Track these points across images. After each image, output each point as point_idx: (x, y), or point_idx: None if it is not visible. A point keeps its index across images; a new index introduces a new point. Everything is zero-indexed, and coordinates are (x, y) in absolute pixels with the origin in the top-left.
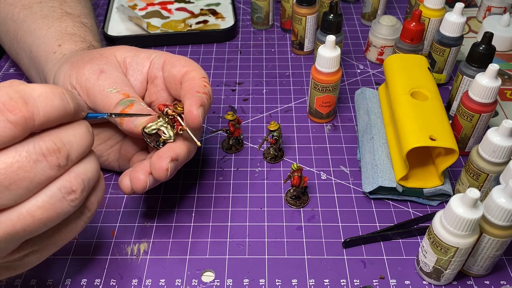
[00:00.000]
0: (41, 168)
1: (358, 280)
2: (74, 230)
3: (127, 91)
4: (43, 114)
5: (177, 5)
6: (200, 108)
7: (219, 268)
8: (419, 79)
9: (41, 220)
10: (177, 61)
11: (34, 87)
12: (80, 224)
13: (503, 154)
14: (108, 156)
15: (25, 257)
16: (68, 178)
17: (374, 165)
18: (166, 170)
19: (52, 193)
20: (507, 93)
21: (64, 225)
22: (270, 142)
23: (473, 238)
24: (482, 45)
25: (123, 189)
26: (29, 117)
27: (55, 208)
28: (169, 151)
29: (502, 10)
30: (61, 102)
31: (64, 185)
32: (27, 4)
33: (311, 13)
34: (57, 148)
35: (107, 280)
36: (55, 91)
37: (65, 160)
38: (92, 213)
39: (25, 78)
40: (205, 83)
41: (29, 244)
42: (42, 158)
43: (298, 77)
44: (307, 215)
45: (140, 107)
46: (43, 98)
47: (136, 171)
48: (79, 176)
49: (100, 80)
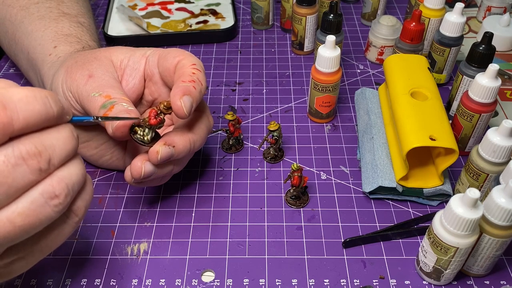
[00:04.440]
0: (20, 172)
1: (358, 280)
2: (60, 236)
3: (109, 93)
4: (23, 118)
5: (177, 5)
6: (184, 98)
7: (219, 268)
8: (419, 79)
9: (22, 227)
10: (168, 54)
11: (15, 91)
12: (67, 229)
13: (503, 154)
14: (112, 154)
15: (11, 264)
16: (51, 182)
17: (374, 165)
18: (156, 152)
19: (34, 199)
20: (507, 93)
21: (49, 230)
22: (270, 142)
23: (473, 238)
24: (482, 45)
25: (125, 178)
26: (7, 122)
27: (37, 214)
28: (165, 136)
29: (502, 10)
30: (43, 106)
31: (46, 190)
32: (24, 5)
33: (311, 13)
34: (38, 151)
35: (107, 280)
36: (37, 95)
37: (46, 164)
38: (80, 218)
39: (24, 79)
40: (194, 71)
41: (14, 251)
42: (21, 162)
43: (298, 77)
44: (307, 215)
45: (121, 108)
46: (24, 102)
47: (135, 159)
48: (63, 181)
49: (87, 85)
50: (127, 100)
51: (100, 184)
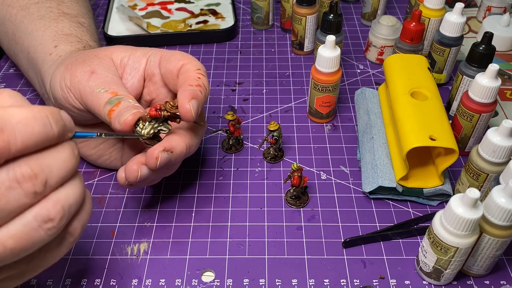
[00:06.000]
0: (14, 195)
1: (358, 280)
2: (54, 256)
3: (115, 89)
4: (20, 142)
5: (177, 5)
6: (193, 101)
7: (219, 268)
8: (419, 79)
9: (13, 250)
10: (172, 56)
11: (14, 113)
12: (62, 250)
13: (503, 154)
14: (110, 155)
15: (1, 282)
16: (46, 205)
17: (374, 165)
18: (156, 158)
19: (27, 222)
20: (507, 93)
21: (43, 251)
22: (270, 142)
23: (473, 238)
24: (482, 45)
25: (119, 181)
26: (4, 146)
27: (29, 237)
28: (165, 141)
29: (502, 10)
30: (42, 127)
31: (40, 213)
32: (24, 5)
33: (311, 13)
34: (33, 174)
35: (107, 280)
36: (37, 115)
37: (42, 187)
38: (75, 238)
39: (24, 79)
40: (199, 75)
41: (4, 270)
42: (16, 185)
43: (298, 77)
44: (307, 215)
45: (128, 104)
46: (22, 124)
47: (130, 162)
48: (58, 203)
49: (90, 81)
50: (132, 97)
51: (100, 184)
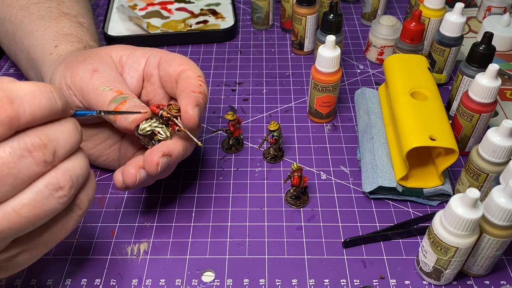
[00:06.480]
0: (26, 164)
1: (358, 280)
2: (64, 229)
3: (120, 88)
4: (29, 113)
5: (177, 5)
6: (196, 108)
7: (219, 268)
8: (419, 79)
9: (28, 218)
10: (172, 60)
11: (21, 86)
12: (71, 222)
13: (503, 154)
14: (108, 155)
15: (15, 257)
16: (55, 174)
17: (374, 165)
18: (157, 164)
19: (39, 190)
20: (507, 93)
21: (53, 223)
22: (270, 142)
23: (473, 238)
24: (482, 45)
25: (116, 184)
26: (14, 116)
27: (42, 205)
28: (163, 146)
29: (502, 10)
30: (48, 100)
31: (51, 182)
32: (24, 5)
33: (311, 13)
34: (43, 143)
35: (107, 280)
36: (42, 89)
37: (51, 156)
38: (84, 211)
39: (24, 79)
40: (200, 82)
41: (18, 243)
42: (27, 154)
43: (298, 77)
44: (307, 215)
45: (134, 103)
46: (30, 97)
47: (128, 165)
48: (67, 173)
49: (94, 79)
50: (136, 97)
51: (100, 184)
